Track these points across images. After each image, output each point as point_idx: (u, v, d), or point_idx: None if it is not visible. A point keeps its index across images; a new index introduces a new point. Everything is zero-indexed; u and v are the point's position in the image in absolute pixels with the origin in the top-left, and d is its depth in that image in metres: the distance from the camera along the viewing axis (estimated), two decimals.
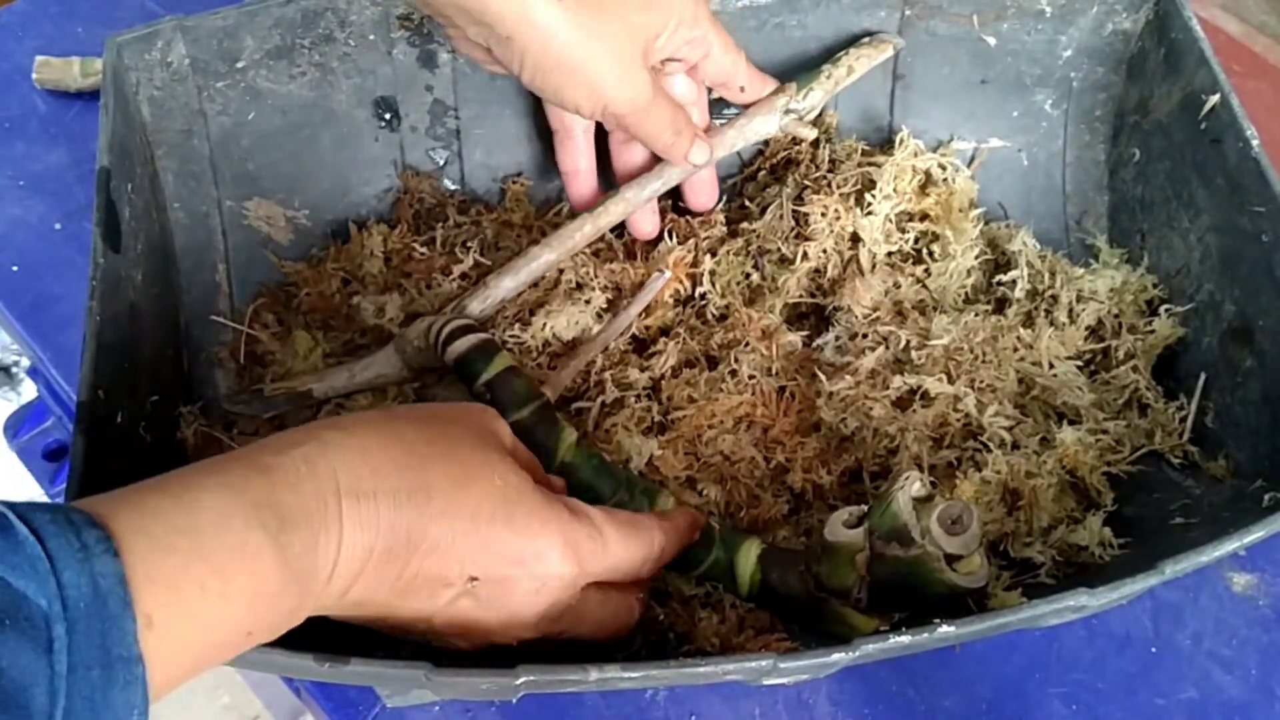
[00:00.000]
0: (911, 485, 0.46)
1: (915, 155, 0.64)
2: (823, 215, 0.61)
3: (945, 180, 0.64)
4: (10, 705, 0.26)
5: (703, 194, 0.63)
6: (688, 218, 0.64)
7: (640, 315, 0.60)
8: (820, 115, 0.66)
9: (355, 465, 0.38)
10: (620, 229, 0.63)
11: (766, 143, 0.66)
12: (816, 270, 0.62)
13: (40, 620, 0.27)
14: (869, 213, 0.62)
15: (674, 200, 0.66)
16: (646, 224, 0.62)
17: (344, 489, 0.37)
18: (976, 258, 0.62)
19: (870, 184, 0.63)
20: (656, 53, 0.55)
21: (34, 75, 0.72)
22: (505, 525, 0.41)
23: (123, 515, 0.31)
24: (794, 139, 0.65)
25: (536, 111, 0.64)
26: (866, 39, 0.63)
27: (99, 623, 0.28)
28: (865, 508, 0.48)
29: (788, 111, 0.61)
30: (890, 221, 0.62)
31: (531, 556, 0.42)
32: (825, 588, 0.48)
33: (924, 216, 0.63)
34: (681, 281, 0.61)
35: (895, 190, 0.62)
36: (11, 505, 0.29)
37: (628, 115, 0.55)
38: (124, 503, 0.32)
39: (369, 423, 0.41)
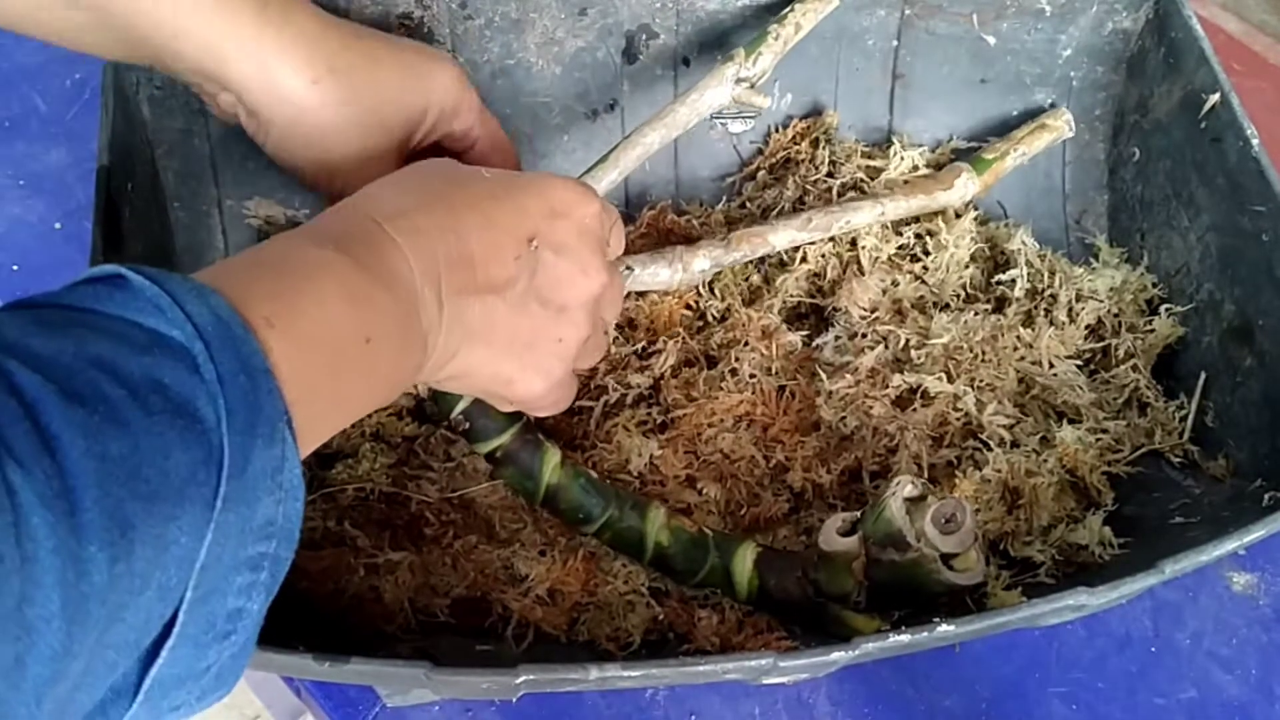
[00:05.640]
0: (903, 489, 0.46)
1: (914, 168, 0.64)
2: None
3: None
4: (183, 413, 0.29)
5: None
6: (688, 217, 0.64)
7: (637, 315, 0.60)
8: (820, 115, 0.66)
9: (380, 200, 0.41)
10: None
11: (766, 141, 0.66)
12: (815, 273, 0.62)
13: (179, 347, 0.30)
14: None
15: (673, 200, 0.66)
16: None
17: (378, 217, 0.40)
18: (971, 253, 0.62)
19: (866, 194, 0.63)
20: (414, 144, 0.53)
21: None
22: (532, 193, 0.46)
23: (202, 275, 0.33)
24: (794, 138, 0.65)
25: (537, 111, 0.64)
26: None
27: (229, 341, 0.30)
28: (858, 514, 0.48)
29: (739, 80, 0.58)
30: (888, 228, 0.62)
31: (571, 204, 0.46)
32: (824, 593, 0.48)
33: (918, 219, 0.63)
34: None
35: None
36: (123, 265, 0.31)
37: None
38: (198, 274, 0.34)
39: (396, 177, 0.44)
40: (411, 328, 0.39)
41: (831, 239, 0.61)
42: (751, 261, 0.62)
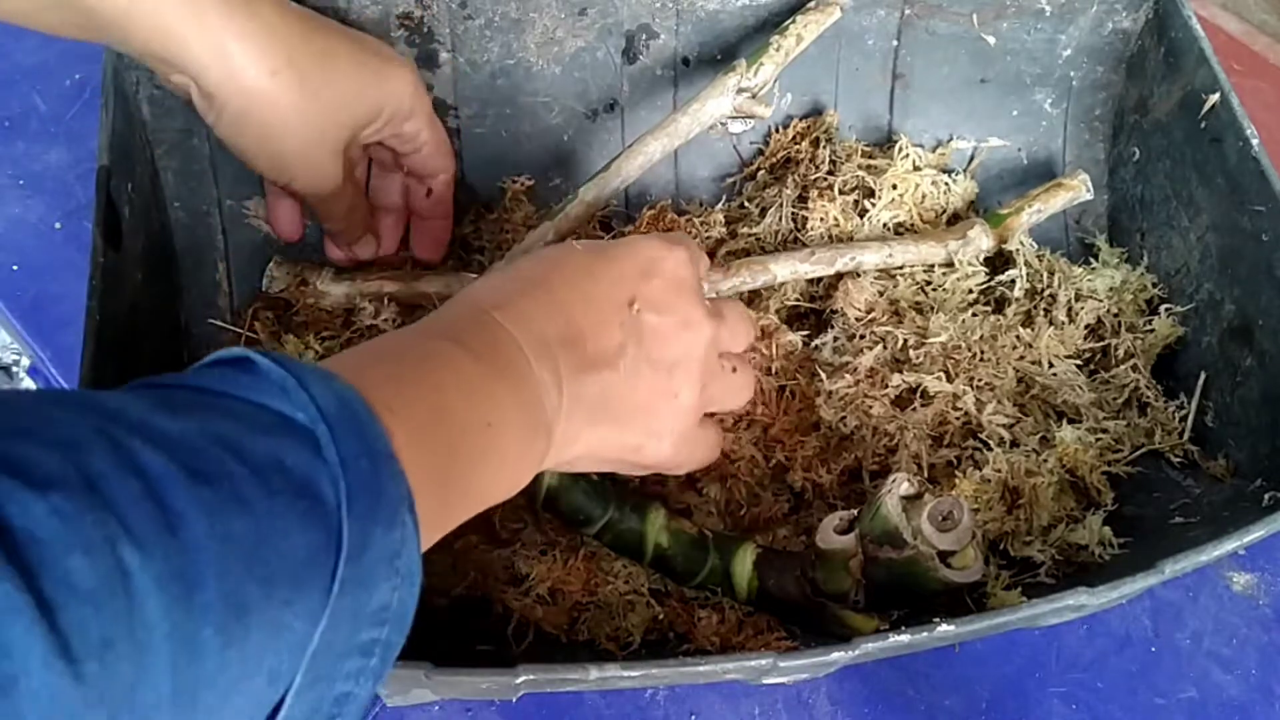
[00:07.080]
0: (899, 487, 0.46)
1: (915, 168, 0.64)
2: (821, 221, 0.61)
3: (945, 190, 0.64)
4: (305, 494, 0.28)
5: (425, 245, 0.61)
6: (688, 217, 0.64)
7: None
8: (820, 115, 0.66)
9: (486, 291, 0.43)
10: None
11: (766, 141, 0.66)
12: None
13: (303, 429, 0.30)
14: (867, 221, 0.62)
15: (673, 200, 0.66)
16: (285, 224, 0.60)
17: (486, 304, 0.41)
18: (973, 273, 0.62)
19: (870, 192, 0.63)
20: (361, 140, 0.54)
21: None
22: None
23: (322, 364, 0.34)
24: (794, 138, 0.65)
25: (537, 111, 0.64)
26: (812, 3, 0.61)
27: (353, 424, 0.30)
28: (855, 512, 0.48)
29: (740, 90, 0.58)
30: (888, 230, 0.62)
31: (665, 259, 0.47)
32: (822, 592, 0.48)
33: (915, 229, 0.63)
34: None
35: (898, 198, 0.62)
36: (251, 350, 0.32)
37: (308, 195, 0.54)
38: (318, 363, 0.34)
39: (496, 271, 0.46)
40: (535, 414, 0.39)
41: None
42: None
